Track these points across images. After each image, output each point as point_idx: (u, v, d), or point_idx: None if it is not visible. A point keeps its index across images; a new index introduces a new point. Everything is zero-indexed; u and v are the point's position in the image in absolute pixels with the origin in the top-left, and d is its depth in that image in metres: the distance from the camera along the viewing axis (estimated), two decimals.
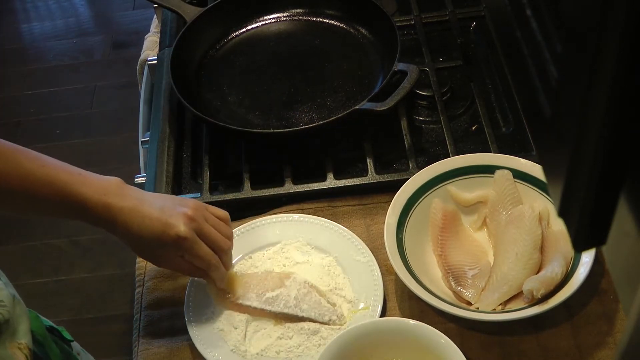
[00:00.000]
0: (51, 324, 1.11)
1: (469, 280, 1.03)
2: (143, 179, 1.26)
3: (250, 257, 1.10)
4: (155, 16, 1.70)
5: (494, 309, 0.99)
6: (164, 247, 0.97)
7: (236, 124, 1.25)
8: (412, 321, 0.95)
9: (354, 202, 1.17)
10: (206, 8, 1.39)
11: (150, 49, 1.63)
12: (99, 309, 2.29)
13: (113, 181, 0.98)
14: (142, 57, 1.64)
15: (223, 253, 1.01)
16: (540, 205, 1.06)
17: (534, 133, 0.54)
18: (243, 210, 1.17)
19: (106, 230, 0.98)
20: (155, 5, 1.47)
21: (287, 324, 1.02)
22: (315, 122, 1.23)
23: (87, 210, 0.96)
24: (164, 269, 1.11)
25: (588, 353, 0.98)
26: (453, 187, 1.11)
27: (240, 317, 1.03)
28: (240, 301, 1.03)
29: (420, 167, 1.14)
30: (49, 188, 0.95)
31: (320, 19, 1.43)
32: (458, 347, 0.90)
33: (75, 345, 1.17)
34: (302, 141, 1.25)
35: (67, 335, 1.15)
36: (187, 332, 1.03)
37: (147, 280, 1.12)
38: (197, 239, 0.98)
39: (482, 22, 1.42)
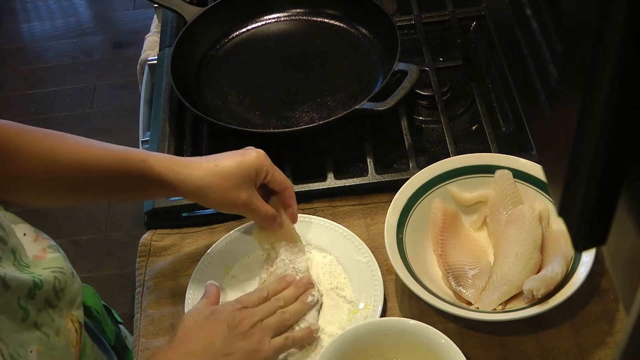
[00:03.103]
0: (104, 303, 1.12)
1: (469, 280, 1.03)
2: None
3: (250, 257, 1.10)
4: (155, 16, 1.71)
5: (494, 309, 0.99)
6: (246, 170, 0.98)
7: (236, 123, 1.25)
8: (412, 321, 0.95)
9: (354, 202, 1.17)
10: (206, 8, 1.39)
11: (150, 49, 1.63)
12: None
13: None
14: (142, 56, 1.64)
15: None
16: (541, 205, 1.06)
17: (534, 133, 0.54)
18: None
19: (172, 182, 0.96)
20: (156, 5, 1.47)
21: None
22: (316, 122, 1.23)
23: (152, 165, 0.96)
24: (163, 269, 1.11)
25: (588, 353, 0.98)
26: (453, 187, 1.11)
27: None
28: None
29: (420, 167, 1.14)
30: (109, 155, 0.95)
31: (320, 19, 1.43)
32: (458, 347, 0.90)
33: (123, 328, 1.18)
34: (302, 141, 1.25)
35: (117, 316, 1.15)
36: None
37: (147, 280, 1.12)
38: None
39: (482, 22, 1.42)
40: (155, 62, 1.45)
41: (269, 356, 0.93)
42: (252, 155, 1.00)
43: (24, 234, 0.91)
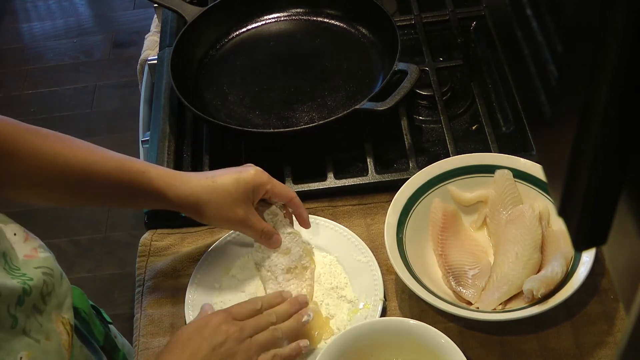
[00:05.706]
0: (92, 303, 1.12)
1: (469, 280, 1.03)
2: None
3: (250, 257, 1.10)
4: (155, 16, 1.71)
5: (494, 309, 0.99)
6: (244, 187, 0.99)
7: (236, 123, 1.25)
8: (412, 321, 0.95)
9: (354, 202, 1.17)
10: (206, 8, 1.39)
11: (150, 49, 1.63)
12: None
13: None
14: (142, 56, 1.64)
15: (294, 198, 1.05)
16: (541, 205, 1.06)
17: (534, 133, 0.54)
18: None
19: (169, 197, 0.98)
20: (156, 5, 1.47)
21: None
22: (316, 122, 1.23)
23: (152, 178, 0.97)
24: (163, 269, 1.11)
25: (588, 353, 0.98)
26: (453, 187, 1.11)
27: None
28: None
29: (420, 167, 1.14)
30: (109, 162, 0.97)
31: (321, 19, 1.43)
32: (458, 346, 0.90)
33: (113, 328, 1.17)
34: (302, 141, 1.25)
35: (106, 316, 1.15)
36: None
37: (147, 280, 1.12)
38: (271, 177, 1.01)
39: (482, 21, 1.42)
40: (155, 62, 1.45)
41: None
42: (249, 173, 1.00)
43: (14, 234, 0.91)
